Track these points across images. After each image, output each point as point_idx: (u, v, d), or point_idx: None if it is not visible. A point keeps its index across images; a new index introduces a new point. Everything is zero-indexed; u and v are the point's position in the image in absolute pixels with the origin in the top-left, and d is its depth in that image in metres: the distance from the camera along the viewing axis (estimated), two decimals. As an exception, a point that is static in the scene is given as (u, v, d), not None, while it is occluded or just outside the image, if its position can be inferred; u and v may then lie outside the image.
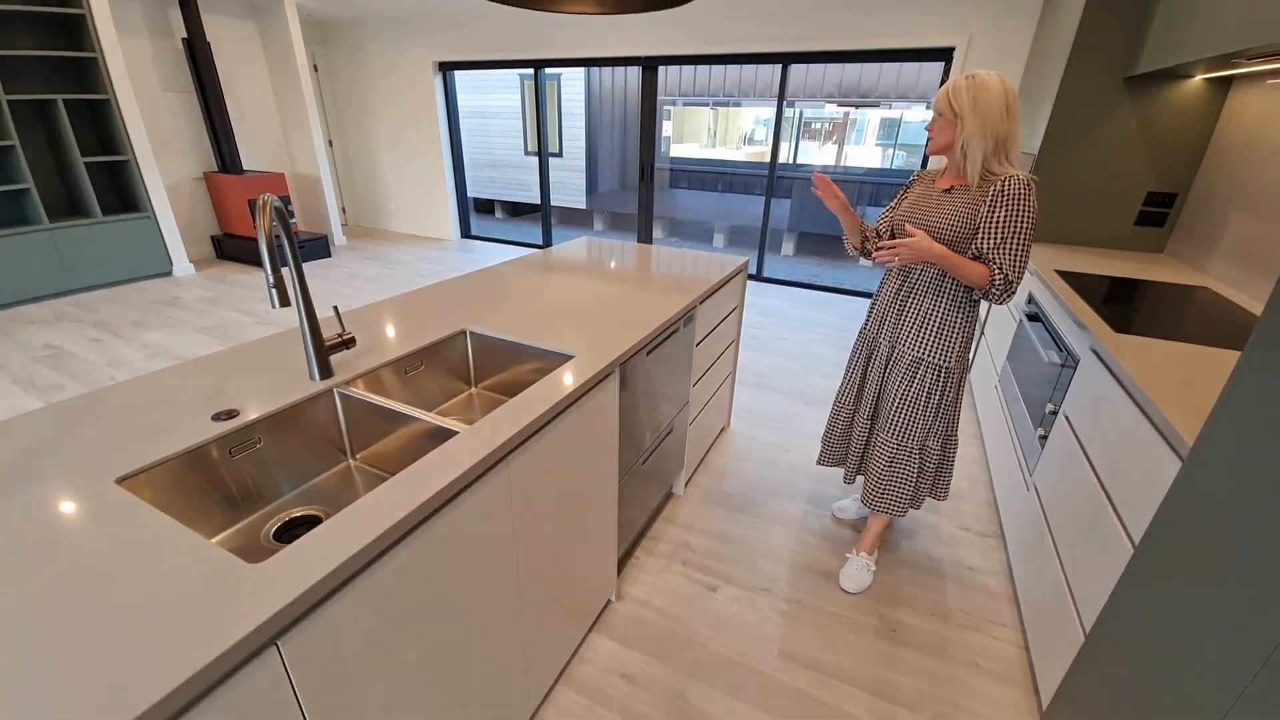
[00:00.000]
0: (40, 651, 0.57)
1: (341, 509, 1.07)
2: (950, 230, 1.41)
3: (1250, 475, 0.80)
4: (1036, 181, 1.36)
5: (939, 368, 1.53)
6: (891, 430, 1.63)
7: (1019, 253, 1.33)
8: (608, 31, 4.75)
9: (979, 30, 3.64)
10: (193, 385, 1.13)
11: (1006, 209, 1.33)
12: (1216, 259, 2.11)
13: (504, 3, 1.60)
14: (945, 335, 1.50)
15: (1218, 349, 1.39)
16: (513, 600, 1.13)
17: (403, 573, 0.82)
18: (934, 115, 1.41)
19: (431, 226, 6.52)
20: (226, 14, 5.06)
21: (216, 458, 0.98)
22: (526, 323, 1.52)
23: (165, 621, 0.61)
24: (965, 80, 1.33)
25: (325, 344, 1.14)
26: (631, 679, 1.46)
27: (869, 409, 1.71)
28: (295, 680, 0.67)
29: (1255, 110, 2.05)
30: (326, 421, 1.17)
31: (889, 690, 1.45)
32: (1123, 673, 1.04)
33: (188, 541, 0.72)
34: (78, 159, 4.07)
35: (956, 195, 1.42)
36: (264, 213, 0.89)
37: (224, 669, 0.59)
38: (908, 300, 1.55)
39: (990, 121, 1.31)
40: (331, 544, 0.72)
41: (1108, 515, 1.22)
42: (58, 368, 3.12)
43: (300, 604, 0.65)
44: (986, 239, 1.35)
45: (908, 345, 1.55)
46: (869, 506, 1.72)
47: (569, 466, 1.24)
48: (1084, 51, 2.39)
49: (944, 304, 1.49)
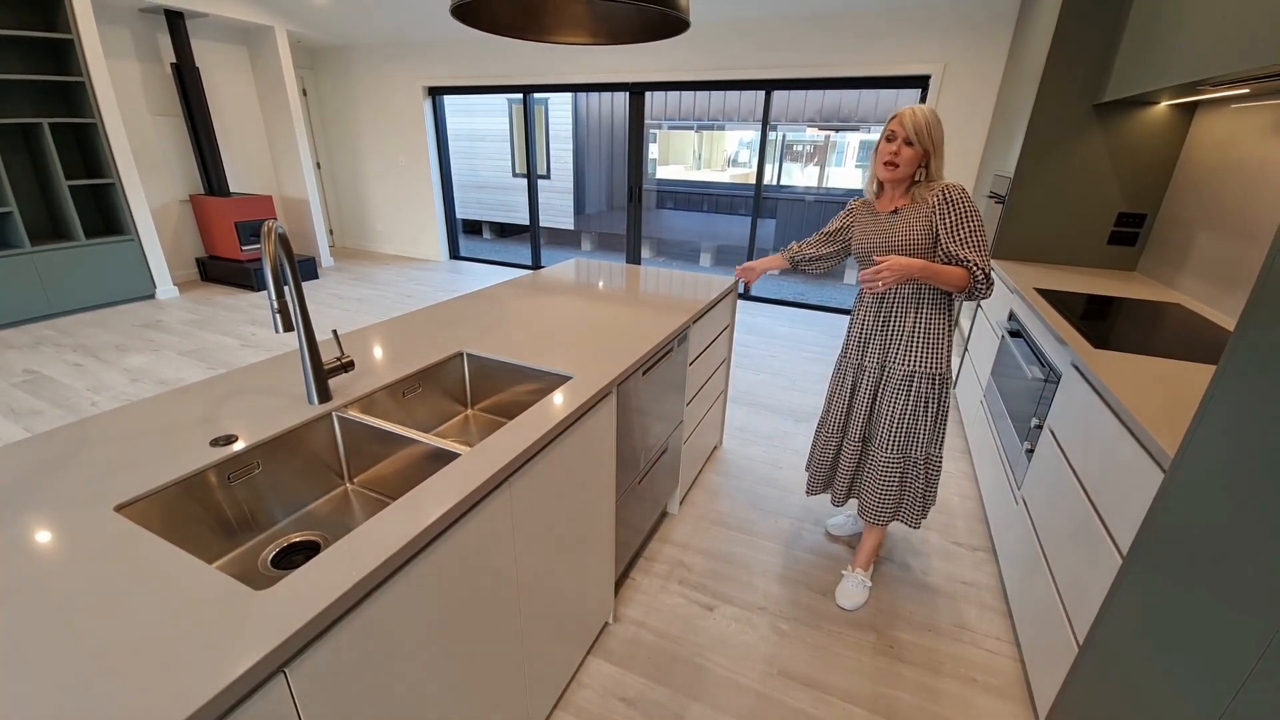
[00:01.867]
0: (47, 681, 0.56)
1: (339, 534, 1.07)
2: (914, 245, 1.49)
3: (1231, 483, 0.83)
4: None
5: (933, 376, 1.58)
6: (895, 446, 1.64)
7: (983, 247, 1.43)
8: (596, 58, 4.86)
9: (954, 59, 3.78)
10: (189, 410, 1.12)
11: (957, 212, 1.43)
12: (1187, 276, 2.19)
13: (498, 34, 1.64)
14: (934, 344, 1.56)
15: (1192, 363, 1.44)
16: (513, 623, 1.12)
17: (407, 597, 0.81)
18: (902, 144, 1.45)
19: (420, 248, 6.53)
20: (216, 39, 5.10)
21: (215, 484, 0.97)
22: (523, 344, 1.53)
23: (172, 649, 0.60)
24: (927, 114, 1.43)
25: (324, 367, 1.15)
26: (631, 703, 1.45)
27: (859, 432, 1.73)
28: (301, 709, 0.67)
29: (1219, 134, 2.16)
30: (324, 445, 1.16)
31: (888, 707, 1.46)
32: (1117, 682, 1.06)
33: (191, 568, 0.72)
34: (62, 182, 4.04)
35: (906, 214, 1.50)
36: (269, 239, 0.90)
37: (234, 698, 0.58)
38: (891, 319, 1.59)
39: (942, 151, 1.48)
40: (338, 569, 0.72)
41: (1095, 526, 1.25)
42: (36, 393, 3.05)
43: (309, 630, 0.65)
44: (952, 242, 1.44)
45: (900, 361, 1.58)
46: (877, 521, 1.74)
47: (568, 487, 1.25)
48: (1053, 81, 2.50)
49: (927, 314, 1.55)
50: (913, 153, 1.44)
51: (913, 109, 1.43)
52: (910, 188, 1.52)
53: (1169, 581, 0.95)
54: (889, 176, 1.50)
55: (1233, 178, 2.03)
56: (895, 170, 1.48)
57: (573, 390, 1.25)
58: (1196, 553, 0.89)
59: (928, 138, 1.43)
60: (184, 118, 4.90)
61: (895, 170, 1.48)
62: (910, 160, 1.46)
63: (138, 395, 3.05)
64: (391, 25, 5.13)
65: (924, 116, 1.42)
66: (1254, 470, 0.78)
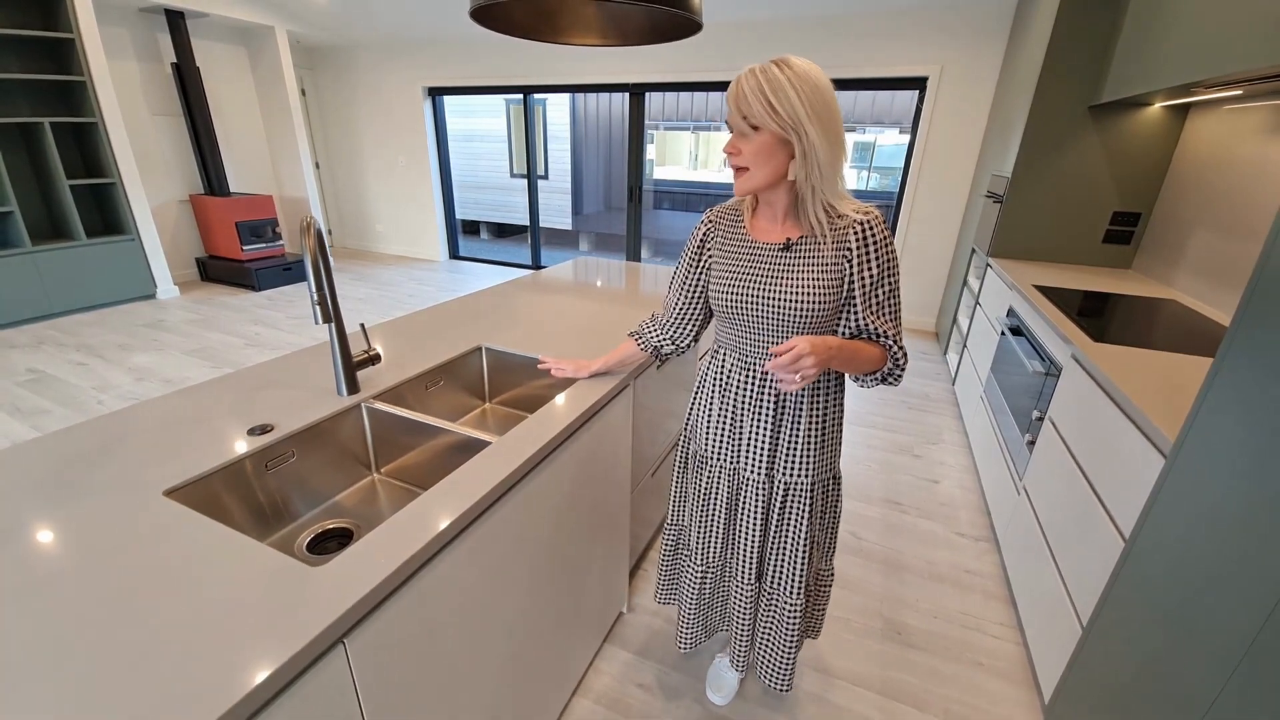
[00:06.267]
0: (120, 658, 0.59)
1: (370, 521, 1.10)
2: (820, 305, 0.97)
3: (1232, 466, 0.87)
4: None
5: (835, 475, 1.19)
6: (796, 581, 1.18)
7: (899, 316, 1.01)
8: (598, 59, 4.89)
9: (951, 61, 3.84)
10: (220, 403, 1.15)
11: (881, 261, 0.96)
12: (1181, 273, 2.25)
13: (513, 35, 1.68)
14: (835, 441, 1.14)
15: (1189, 355, 1.50)
16: (536, 608, 1.16)
17: (447, 577, 0.85)
18: (739, 133, 0.91)
19: (419, 248, 6.54)
20: (216, 39, 5.10)
21: (252, 471, 1.00)
22: (539, 338, 1.57)
23: (238, 623, 0.63)
24: (779, 71, 0.86)
25: (354, 360, 1.18)
26: (648, 688, 1.49)
27: (748, 561, 1.20)
28: (357, 678, 0.70)
29: (1212, 134, 2.22)
30: (353, 436, 1.19)
31: (897, 690, 1.50)
32: (1119, 661, 1.11)
33: (247, 547, 0.75)
34: (63, 181, 4.04)
35: (805, 252, 0.97)
36: (309, 234, 0.93)
37: (298, 667, 0.61)
38: (783, 422, 1.09)
39: (832, 131, 0.88)
40: (389, 546, 0.75)
41: (1097, 511, 1.30)
42: (41, 392, 3.05)
43: (366, 602, 0.68)
44: (868, 308, 0.98)
45: (800, 473, 1.11)
46: (780, 685, 1.27)
47: (588, 476, 1.28)
48: (1050, 83, 2.55)
49: (826, 409, 1.09)
50: (763, 140, 0.89)
51: (749, 69, 0.88)
52: (796, 203, 0.96)
53: (1171, 561, 0.99)
54: (739, 189, 0.96)
55: (1225, 177, 2.09)
56: (741, 177, 0.94)
57: (592, 382, 1.28)
58: (1198, 534, 0.93)
59: (774, 109, 0.86)
60: (184, 117, 4.90)
61: (741, 177, 0.94)
62: (763, 153, 0.89)
63: (145, 394, 3.06)
64: (391, 25, 5.15)
65: (766, 75, 0.86)
66: (1253, 454, 0.83)
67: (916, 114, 4.09)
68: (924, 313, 4.48)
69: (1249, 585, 0.81)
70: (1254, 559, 0.81)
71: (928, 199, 4.22)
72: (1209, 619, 0.88)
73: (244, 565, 0.71)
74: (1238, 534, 0.84)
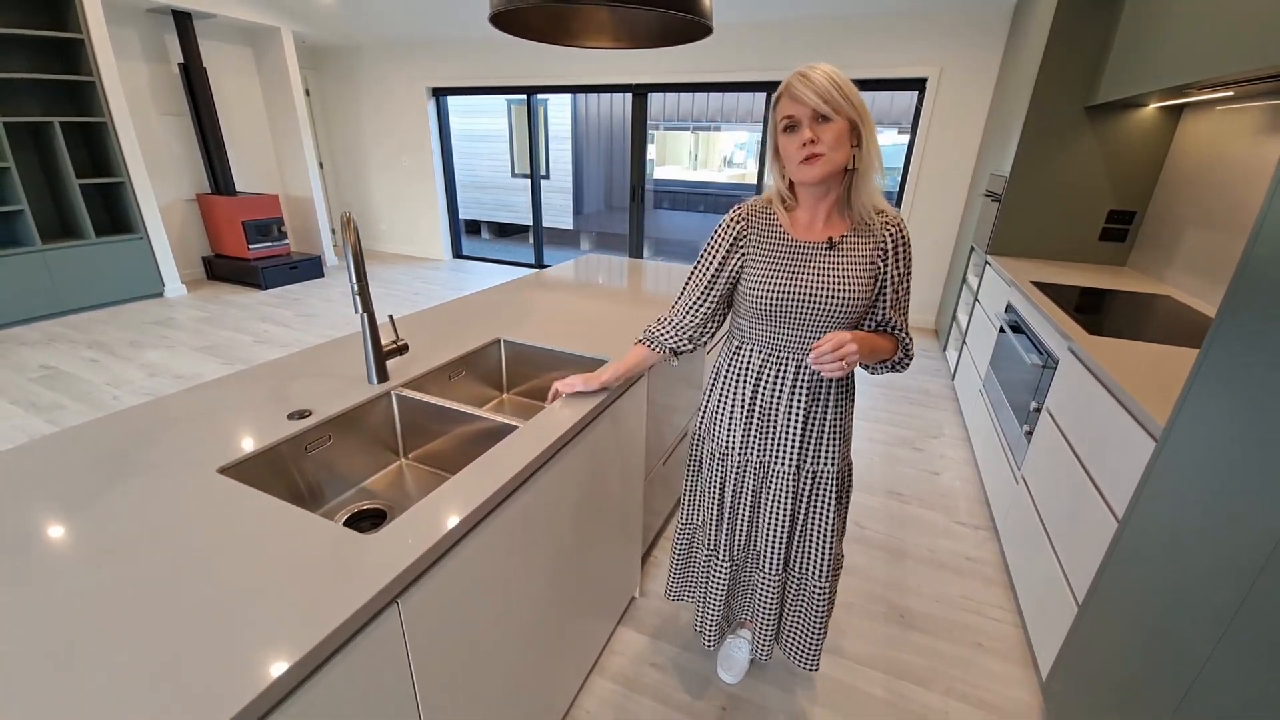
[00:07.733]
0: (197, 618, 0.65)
1: (401, 504, 1.16)
2: (860, 303, 1.03)
3: (1216, 448, 0.93)
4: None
5: (850, 462, 1.24)
6: (830, 548, 1.22)
7: (908, 309, 1.11)
8: (601, 60, 4.95)
9: (950, 62, 3.91)
10: (257, 391, 1.21)
11: (905, 261, 1.05)
12: (1175, 270, 2.31)
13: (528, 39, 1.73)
14: (851, 429, 1.21)
15: (1180, 347, 1.56)
16: (557, 587, 1.21)
17: (483, 549, 0.90)
18: (819, 118, 0.93)
19: (423, 247, 6.59)
20: (222, 40, 5.14)
21: (292, 454, 1.06)
22: (555, 332, 1.62)
23: (299, 585, 0.69)
24: (830, 70, 0.93)
25: (384, 350, 1.23)
26: (662, 668, 1.54)
27: (776, 551, 1.23)
28: (408, 637, 0.76)
29: (1205, 135, 2.28)
30: (383, 422, 1.25)
31: (901, 670, 1.56)
32: (1114, 632, 1.17)
33: (302, 518, 0.80)
34: (72, 181, 4.08)
35: (850, 249, 1.03)
36: (349, 229, 0.98)
37: (357, 625, 0.67)
38: (813, 413, 1.13)
39: (870, 120, 0.96)
40: (435, 517, 0.81)
41: (1092, 495, 1.36)
42: (56, 388, 3.10)
43: (417, 566, 0.74)
44: (891, 303, 1.07)
45: (828, 461, 1.16)
46: (808, 665, 1.32)
47: (603, 465, 1.34)
48: (1047, 85, 2.61)
49: (846, 399, 1.16)
50: (838, 127, 0.93)
51: (808, 68, 0.93)
52: (845, 197, 1.02)
53: (1162, 536, 1.05)
54: (816, 176, 0.96)
55: (1218, 176, 2.15)
56: (818, 164, 0.95)
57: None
58: (1187, 510, 0.99)
59: (847, 99, 0.93)
60: (191, 117, 4.95)
61: (818, 164, 0.95)
62: (839, 140, 0.94)
63: (159, 390, 3.11)
64: (395, 26, 5.20)
65: (829, 72, 0.93)
66: (1237, 432, 0.89)
67: (916, 114, 4.15)
68: (924, 310, 4.55)
69: (1236, 553, 0.87)
70: (1240, 527, 0.87)
71: (927, 198, 4.28)
72: (1198, 587, 0.94)
73: (304, 534, 0.77)
74: (1223, 506, 0.90)
